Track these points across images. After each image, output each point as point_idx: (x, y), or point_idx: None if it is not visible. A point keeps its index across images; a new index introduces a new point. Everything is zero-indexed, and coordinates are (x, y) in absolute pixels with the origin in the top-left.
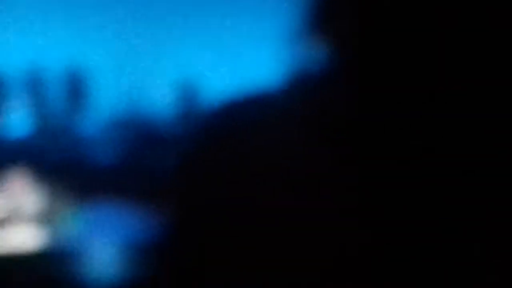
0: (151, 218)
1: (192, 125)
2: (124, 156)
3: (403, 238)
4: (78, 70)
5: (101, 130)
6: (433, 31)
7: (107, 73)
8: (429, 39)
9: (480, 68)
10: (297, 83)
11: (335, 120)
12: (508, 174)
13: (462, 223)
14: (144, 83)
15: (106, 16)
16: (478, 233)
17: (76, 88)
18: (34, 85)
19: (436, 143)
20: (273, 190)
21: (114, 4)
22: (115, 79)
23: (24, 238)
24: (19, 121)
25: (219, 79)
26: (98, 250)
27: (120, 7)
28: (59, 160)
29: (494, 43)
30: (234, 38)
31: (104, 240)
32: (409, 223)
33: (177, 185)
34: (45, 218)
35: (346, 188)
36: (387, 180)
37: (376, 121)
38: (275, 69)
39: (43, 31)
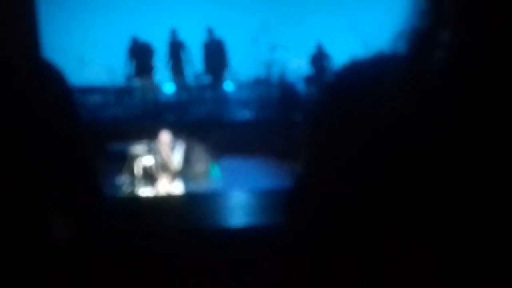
0: (285, 170)
1: (322, 85)
2: (261, 113)
3: None
4: (219, 36)
5: (240, 89)
6: None
7: (246, 38)
8: None
9: None
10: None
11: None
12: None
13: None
14: (277, 47)
15: None
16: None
17: (217, 51)
18: (178, 49)
19: None
20: (395, 148)
21: None
22: (253, 44)
23: (169, 187)
24: (165, 82)
25: (346, 44)
26: (236, 197)
27: None
28: (202, 116)
29: None
30: (360, 9)
31: (241, 189)
32: None
33: (308, 140)
34: (188, 170)
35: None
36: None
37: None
38: (396, 35)
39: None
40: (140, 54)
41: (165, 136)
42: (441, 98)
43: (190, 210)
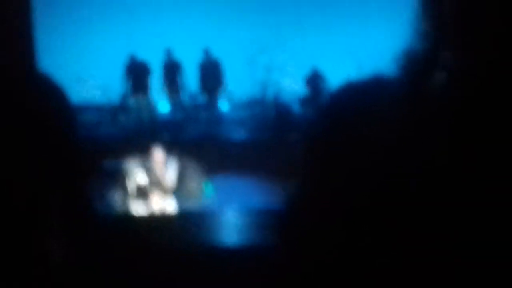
0: (279, 190)
1: (317, 106)
2: (255, 133)
3: None
4: (216, 56)
5: (235, 109)
6: None
7: (241, 58)
8: None
9: None
10: (416, 71)
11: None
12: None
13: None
14: (273, 68)
15: (239, 9)
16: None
17: (213, 70)
18: (174, 69)
19: None
20: (393, 168)
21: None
22: (248, 64)
23: (162, 205)
24: (160, 101)
25: (341, 66)
26: (229, 216)
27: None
28: (196, 135)
29: None
30: (356, 31)
31: (235, 208)
32: None
33: (303, 160)
34: (181, 188)
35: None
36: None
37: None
38: (393, 57)
39: (180, 20)
40: (137, 73)
41: (159, 154)
42: (440, 121)
43: (183, 228)
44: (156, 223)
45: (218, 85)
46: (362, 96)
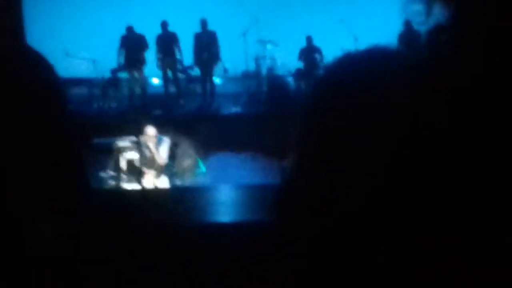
0: (274, 165)
1: (314, 79)
2: (249, 107)
3: None
4: (210, 29)
5: (228, 83)
6: None
7: (235, 32)
8: None
9: None
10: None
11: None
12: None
13: None
14: (268, 41)
15: None
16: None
17: (209, 43)
18: (168, 41)
19: None
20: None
21: None
22: (242, 37)
23: (154, 181)
24: (153, 75)
25: (337, 38)
26: (223, 192)
27: None
28: (189, 110)
29: None
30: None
31: (229, 184)
32: None
33: (298, 134)
34: (174, 164)
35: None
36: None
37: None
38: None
39: None
40: (133, 46)
41: (151, 130)
42: (440, 93)
43: (176, 205)
44: (148, 200)
45: (213, 58)
46: (360, 66)
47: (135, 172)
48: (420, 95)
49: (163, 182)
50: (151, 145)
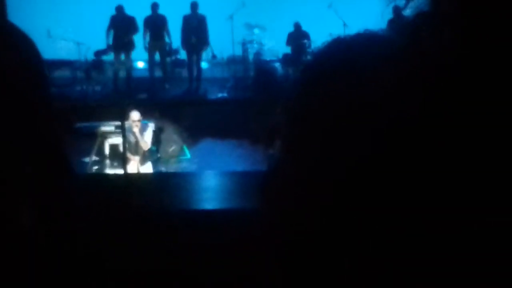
0: (260, 152)
1: (302, 64)
2: (235, 93)
3: None
4: (200, 13)
5: (215, 67)
6: None
7: (221, 16)
8: None
9: None
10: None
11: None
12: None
13: None
14: (255, 26)
15: None
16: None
17: (197, 26)
18: (157, 25)
19: None
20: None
21: None
22: (228, 22)
23: (139, 168)
24: (140, 59)
25: (324, 23)
26: (208, 179)
27: None
28: (175, 95)
29: None
30: None
31: (214, 171)
32: None
33: (285, 121)
34: (160, 150)
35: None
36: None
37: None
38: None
39: None
40: (122, 28)
41: (135, 115)
42: (431, 80)
43: (160, 191)
44: (132, 186)
45: (201, 42)
46: (349, 52)
47: (119, 158)
48: (406, 81)
49: (148, 168)
50: (136, 130)
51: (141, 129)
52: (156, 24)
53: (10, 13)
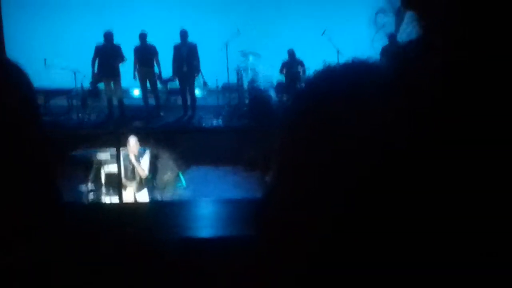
0: (255, 179)
1: (295, 91)
2: (230, 120)
3: None
4: (190, 40)
5: (209, 95)
6: None
7: (216, 44)
8: None
9: None
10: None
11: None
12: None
13: None
14: (249, 53)
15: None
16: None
17: (189, 54)
18: (147, 53)
19: None
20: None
21: None
22: (223, 49)
23: (136, 196)
24: (135, 87)
25: (319, 51)
26: (204, 207)
27: None
28: (169, 123)
29: None
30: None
31: (209, 198)
32: None
33: (279, 148)
34: (156, 177)
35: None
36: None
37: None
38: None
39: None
40: (108, 56)
41: (133, 141)
42: (422, 108)
43: (156, 219)
44: (128, 214)
45: (193, 71)
46: (340, 80)
47: (115, 186)
48: (397, 108)
49: (144, 195)
50: (132, 156)
51: (138, 156)
52: (145, 54)
53: (7, 44)
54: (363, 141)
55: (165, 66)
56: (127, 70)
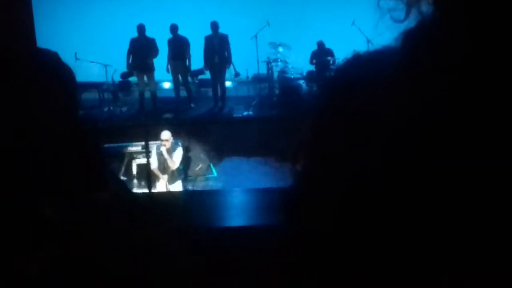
0: (285, 169)
1: (324, 80)
2: (260, 111)
3: None
4: (223, 31)
5: (240, 86)
6: None
7: (246, 35)
8: None
9: None
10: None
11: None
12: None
13: None
14: (279, 44)
15: None
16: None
17: (220, 46)
18: (178, 45)
19: None
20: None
21: None
22: (253, 41)
23: (168, 187)
24: (166, 79)
25: (348, 40)
26: (235, 196)
27: None
28: (201, 115)
29: None
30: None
31: (241, 188)
32: None
33: (309, 137)
34: (188, 169)
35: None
36: None
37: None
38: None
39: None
40: (142, 50)
41: (166, 135)
42: (451, 93)
43: (188, 209)
44: (161, 204)
45: (224, 62)
46: (368, 67)
47: (148, 178)
48: (422, 95)
49: (177, 187)
50: (164, 150)
51: (170, 149)
52: (176, 46)
53: (38, 38)
54: (393, 126)
55: (195, 58)
56: (160, 63)
